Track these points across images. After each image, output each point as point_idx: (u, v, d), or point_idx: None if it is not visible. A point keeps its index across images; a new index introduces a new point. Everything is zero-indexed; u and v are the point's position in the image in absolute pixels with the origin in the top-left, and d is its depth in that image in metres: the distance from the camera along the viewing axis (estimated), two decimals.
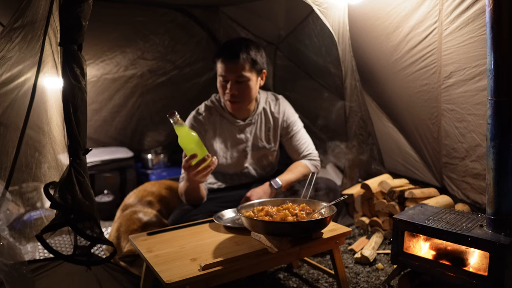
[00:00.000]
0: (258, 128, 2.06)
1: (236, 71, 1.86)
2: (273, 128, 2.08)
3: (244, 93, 1.91)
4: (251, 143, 2.05)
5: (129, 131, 3.41)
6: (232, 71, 1.87)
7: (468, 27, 1.74)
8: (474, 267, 1.43)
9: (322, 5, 2.17)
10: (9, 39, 1.41)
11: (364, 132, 2.64)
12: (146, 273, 1.49)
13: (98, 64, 2.96)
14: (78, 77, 1.21)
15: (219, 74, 1.91)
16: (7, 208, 1.56)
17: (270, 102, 2.11)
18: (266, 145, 2.08)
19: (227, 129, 2.03)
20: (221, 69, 1.89)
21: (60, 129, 1.39)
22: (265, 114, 2.08)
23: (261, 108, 2.07)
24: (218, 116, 2.03)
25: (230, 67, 1.86)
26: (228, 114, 2.03)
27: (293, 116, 2.13)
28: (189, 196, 1.87)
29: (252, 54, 1.90)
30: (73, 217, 1.19)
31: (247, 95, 1.93)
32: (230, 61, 1.86)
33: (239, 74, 1.87)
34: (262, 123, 2.07)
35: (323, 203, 1.51)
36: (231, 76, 1.87)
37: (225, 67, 1.87)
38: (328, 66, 2.83)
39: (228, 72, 1.87)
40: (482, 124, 1.87)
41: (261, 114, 2.08)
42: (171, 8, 3.09)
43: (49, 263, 1.47)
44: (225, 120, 2.03)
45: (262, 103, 2.08)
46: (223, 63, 1.87)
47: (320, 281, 1.82)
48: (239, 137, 2.03)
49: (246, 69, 1.88)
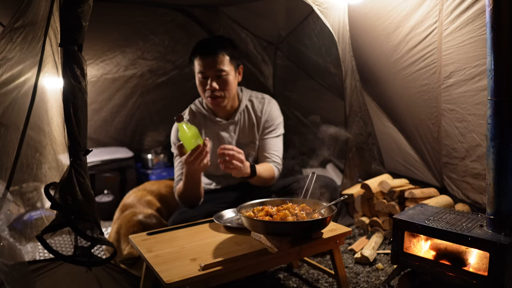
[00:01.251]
0: (241, 127, 2.06)
1: (215, 65, 1.87)
2: (256, 126, 2.07)
3: (224, 88, 1.91)
4: (236, 142, 2.05)
5: (129, 131, 3.42)
6: (211, 66, 1.87)
7: (468, 27, 1.74)
8: (474, 267, 1.43)
9: (322, 5, 2.17)
10: (10, 40, 1.41)
11: (364, 132, 2.64)
12: (146, 273, 1.49)
13: (98, 64, 2.97)
14: (78, 78, 1.21)
15: (198, 72, 1.91)
16: (8, 209, 1.57)
17: (253, 100, 2.09)
18: (251, 143, 2.07)
19: (211, 129, 2.04)
20: (200, 66, 1.89)
21: (61, 129, 1.39)
22: (247, 112, 2.07)
23: (244, 106, 2.07)
24: (202, 117, 2.05)
25: (209, 62, 1.87)
26: (211, 114, 2.04)
27: (277, 119, 2.10)
28: (189, 193, 1.86)
29: (229, 49, 1.92)
30: (73, 217, 1.19)
31: (227, 89, 1.93)
32: (209, 56, 1.86)
33: (218, 68, 1.87)
34: (245, 121, 2.06)
35: (323, 203, 1.51)
36: (211, 71, 1.88)
37: (203, 63, 1.88)
38: (328, 66, 2.84)
39: (207, 68, 1.88)
40: (482, 124, 1.87)
41: (244, 112, 2.07)
42: (171, 8, 3.09)
43: (49, 263, 1.47)
44: (209, 120, 2.04)
45: (245, 101, 2.08)
46: (201, 59, 1.88)
47: (320, 281, 1.82)
48: (223, 135, 2.04)
49: (225, 63, 1.89)
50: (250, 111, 2.07)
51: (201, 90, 1.96)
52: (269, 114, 2.08)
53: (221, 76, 1.89)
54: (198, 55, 1.89)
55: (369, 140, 2.68)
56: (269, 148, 2.05)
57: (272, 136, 2.07)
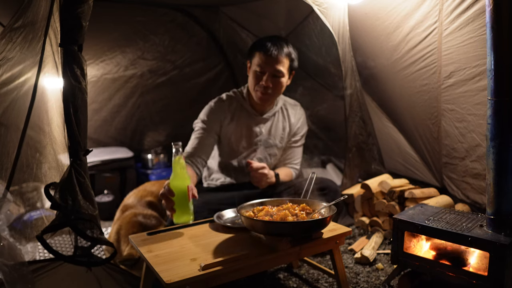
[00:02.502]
0: (274, 126, 2.13)
1: (275, 65, 1.92)
2: (289, 129, 2.16)
3: (276, 87, 1.98)
4: (265, 139, 2.11)
5: (129, 131, 3.42)
6: (271, 64, 1.92)
7: (468, 27, 1.74)
8: (474, 267, 1.43)
9: (322, 5, 2.17)
10: (10, 40, 1.41)
11: (364, 132, 2.64)
12: (146, 273, 1.49)
13: (98, 64, 2.97)
14: (78, 78, 1.21)
15: (258, 65, 1.94)
16: (8, 209, 1.57)
17: (287, 105, 2.19)
18: (278, 143, 2.13)
19: (245, 119, 2.08)
20: (261, 60, 1.93)
21: (61, 129, 1.39)
22: (282, 114, 2.16)
23: (279, 108, 2.15)
24: (239, 105, 2.09)
25: (270, 60, 1.92)
26: (248, 105, 2.09)
27: (305, 128, 2.23)
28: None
29: (291, 53, 1.98)
30: (73, 218, 1.19)
31: (278, 89, 1.99)
32: (274, 54, 1.91)
33: (277, 69, 1.93)
34: (279, 122, 2.14)
35: (323, 203, 1.51)
36: (269, 69, 1.93)
37: (265, 59, 1.92)
38: (328, 66, 2.83)
39: (267, 65, 1.92)
40: (482, 124, 1.87)
41: (279, 112, 2.15)
42: (171, 8, 3.08)
43: (49, 263, 1.47)
44: (245, 110, 2.09)
45: (280, 103, 2.16)
46: (265, 55, 1.92)
47: (320, 281, 1.82)
48: (254, 129, 2.09)
49: (284, 65, 1.95)
50: (284, 114, 2.16)
51: (253, 83, 1.99)
52: (300, 122, 2.19)
53: (277, 76, 1.95)
54: (262, 51, 1.93)
55: (369, 140, 2.68)
56: (292, 157, 2.18)
57: (297, 146, 2.20)
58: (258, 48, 1.96)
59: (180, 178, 1.49)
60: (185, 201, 1.51)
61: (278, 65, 1.93)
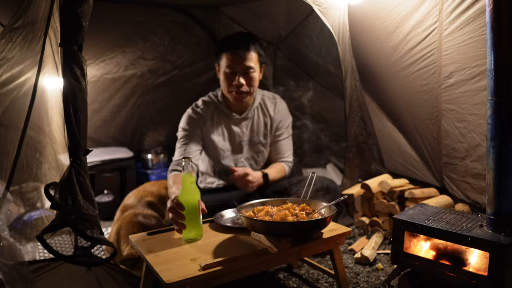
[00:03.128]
0: (255, 123, 2.11)
1: (245, 62, 1.92)
2: (270, 125, 2.13)
3: (250, 84, 1.97)
4: (248, 138, 2.10)
5: (129, 131, 3.41)
6: (240, 62, 1.92)
7: (468, 27, 1.74)
8: (474, 267, 1.43)
9: (322, 5, 2.17)
10: (10, 40, 1.41)
11: (364, 132, 2.64)
12: (146, 273, 1.49)
13: (98, 64, 2.96)
14: (78, 78, 1.21)
15: (227, 66, 1.94)
16: (8, 209, 1.57)
17: (265, 100, 2.16)
18: (262, 140, 2.12)
19: (224, 121, 2.08)
20: (229, 60, 1.93)
21: (61, 129, 1.39)
22: (261, 110, 2.13)
23: (257, 104, 2.12)
24: (216, 109, 2.08)
25: (239, 58, 1.92)
26: (224, 107, 2.07)
27: (288, 119, 2.19)
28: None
29: (258, 47, 1.98)
30: (73, 217, 1.19)
31: (253, 85, 1.99)
32: (239, 52, 1.91)
33: (247, 65, 1.93)
34: (259, 118, 2.12)
35: (323, 203, 1.51)
36: (240, 67, 1.93)
37: (233, 58, 1.92)
38: (328, 66, 2.83)
39: (236, 63, 1.92)
40: (482, 124, 1.87)
41: (258, 109, 2.13)
42: (171, 8, 3.08)
43: (49, 263, 1.47)
44: (222, 113, 2.08)
45: (258, 98, 2.14)
46: (231, 54, 1.92)
47: (320, 281, 1.82)
48: (235, 130, 2.08)
49: (253, 60, 1.95)
50: (264, 109, 2.13)
51: (226, 85, 1.98)
52: (281, 114, 2.15)
53: (248, 73, 1.95)
54: (228, 51, 1.93)
55: (369, 140, 2.68)
56: (282, 151, 2.15)
57: (283, 138, 2.15)
58: (223, 49, 1.96)
59: (190, 192, 1.45)
60: (196, 216, 1.46)
61: (248, 62, 1.92)
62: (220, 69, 2.00)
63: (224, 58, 1.95)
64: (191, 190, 1.45)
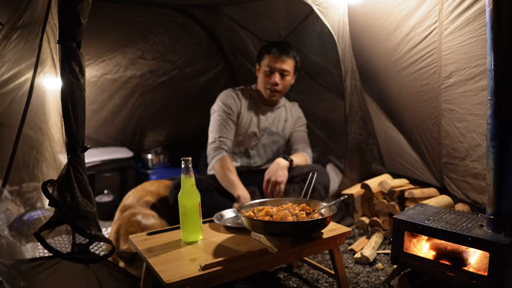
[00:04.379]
0: (277, 117, 2.43)
1: (283, 64, 2.22)
2: (290, 121, 2.45)
3: (283, 85, 2.28)
4: (268, 127, 2.39)
5: (129, 131, 3.41)
6: (280, 63, 2.22)
7: (468, 27, 1.74)
8: (474, 267, 1.43)
9: (322, 5, 2.17)
10: (7, 38, 1.40)
11: (364, 132, 2.63)
12: (146, 273, 1.49)
13: (98, 64, 2.96)
14: (77, 75, 1.20)
15: (267, 65, 2.24)
16: (7, 208, 1.56)
17: (287, 103, 2.50)
18: (280, 132, 2.42)
19: (253, 108, 2.38)
20: (271, 61, 2.23)
21: (58, 127, 1.39)
22: (285, 109, 2.47)
23: (282, 103, 2.47)
24: (249, 96, 2.39)
25: (280, 60, 2.22)
26: (257, 99, 2.39)
27: (304, 120, 2.54)
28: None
29: (296, 55, 2.29)
30: (71, 214, 1.19)
31: (285, 87, 2.30)
32: (282, 55, 2.21)
33: (285, 69, 2.23)
34: (281, 114, 2.45)
35: (323, 203, 1.51)
36: (278, 67, 2.22)
37: (274, 59, 2.22)
38: (328, 66, 2.83)
39: (276, 64, 2.22)
40: (482, 124, 1.87)
41: (282, 107, 2.47)
42: (171, 8, 3.08)
43: (47, 261, 1.47)
44: (253, 101, 2.39)
45: (283, 101, 2.49)
46: (275, 56, 2.22)
47: (320, 281, 1.82)
48: (261, 118, 2.39)
49: (291, 65, 2.26)
50: (287, 109, 2.48)
51: (263, 82, 2.29)
52: (299, 115, 2.52)
53: (284, 75, 2.25)
54: (272, 53, 2.23)
55: (369, 140, 2.68)
56: (299, 141, 2.43)
57: (300, 130, 2.48)
58: (267, 51, 2.25)
59: (191, 195, 1.44)
60: (196, 219, 1.45)
61: (285, 65, 2.22)
62: (260, 68, 2.30)
63: (266, 58, 2.25)
64: (191, 193, 1.44)
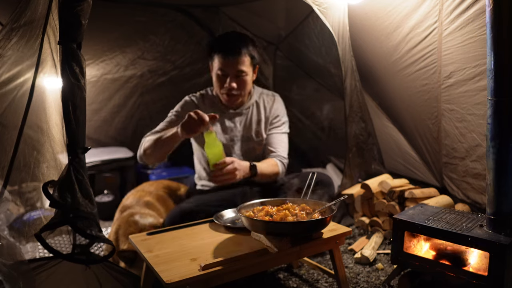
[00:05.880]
0: (248, 120, 2.08)
1: (237, 66, 1.90)
2: (264, 122, 2.09)
3: (242, 87, 1.97)
4: (241, 134, 2.07)
5: (129, 131, 3.41)
6: (232, 65, 1.90)
7: (468, 27, 1.74)
8: (474, 267, 1.43)
9: (322, 5, 2.17)
10: (8, 38, 1.40)
11: (364, 132, 2.63)
12: (146, 273, 1.49)
13: (98, 64, 2.96)
14: (77, 76, 1.20)
15: (218, 68, 1.93)
16: (7, 208, 1.56)
17: (264, 98, 2.14)
18: (255, 137, 2.08)
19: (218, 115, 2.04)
20: (221, 63, 1.92)
21: (59, 128, 1.39)
22: (257, 107, 2.11)
23: (253, 101, 2.11)
24: (211, 102, 2.08)
25: (231, 62, 1.90)
26: (219, 102, 2.07)
27: (283, 117, 2.14)
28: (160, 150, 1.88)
29: (250, 50, 1.95)
30: (72, 215, 1.19)
31: (244, 89, 1.98)
32: (231, 56, 1.89)
33: (239, 69, 1.91)
34: (253, 115, 2.09)
35: (323, 203, 1.51)
36: (231, 70, 1.91)
37: (225, 61, 1.90)
38: (328, 66, 2.84)
39: (228, 67, 1.91)
40: (482, 124, 1.87)
41: (253, 106, 2.10)
42: (171, 8, 3.08)
43: (48, 261, 1.47)
44: (216, 106, 2.07)
45: (255, 97, 2.12)
46: (223, 57, 1.90)
47: (320, 281, 1.82)
48: (228, 125, 2.05)
49: (246, 64, 1.93)
50: (260, 107, 2.11)
51: (218, 86, 1.98)
52: (277, 110, 2.13)
53: (240, 76, 1.94)
54: (220, 53, 1.91)
55: (369, 140, 2.68)
56: (275, 143, 2.07)
57: (278, 132, 2.10)
58: (216, 50, 1.94)
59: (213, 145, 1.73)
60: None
61: (240, 66, 1.91)
62: (212, 70, 2.00)
63: (216, 59, 1.94)
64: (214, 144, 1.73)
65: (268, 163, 1.97)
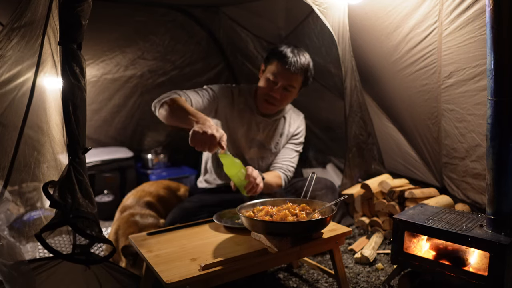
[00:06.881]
0: (273, 130, 2.10)
1: (290, 80, 1.92)
2: (286, 136, 2.13)
3: (284, 100, 1.99)
4: (261, 140, 2.07)
5: (129, 131, 3.41)
6: (287, 78, 1.91)
7: (468, 27, 1.74)
8: (474, 267, 1.43)
9: (322, 5, 2.17)
10: (8, 38, 1.41)
11: (364, 132, 2.64)
12: (146, 273, 1.49)
13: (98, 64, 2.96)
14: (77, 76, 1.20)
15: (272, 73, 1.92)
16: (7, 208, 1.56)
17: (292, 114, 2.19)
18: (273, 148, 2.10)
19: (247, 115, 2.05)
20: (276, 70, 1.91)
21: (59, 128, 1.39)
22: (284, 121, 2.14)
23: (283, 114, 2.13)
24: (244, 99, 2.06)
25: (287, 74, 1.90)
26: (253, 104, 2.06)
27: (301, 137, 2.20)
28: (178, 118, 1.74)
29: (309, 73, 1.99)
30: (72, 216, 1.19)
31: (285, 102, 2.02)
32: (290, 70, 1.89)
33: (291, 84, 1.93)
34: (278, 127, 2.12)
35: (323, 203, 1.51)
36: (283, 81, 1.92)
37: (282, 71, 1.90)
38: (328, 66, 2.83)
39: (282, 77, 1.91)
40: (482, 124, 1.87)
41: (281, 120, 2.13)
42: (171, 8, 3.08)
43: (48, 262, 1.47)
44: (249, 107, 2.06)
45: (286, 110, 2.15)
46: (282, 66, 1.89)
47: (320, 281, 1.82)
48: (253, 127, 2.06)
49: (298, 80, 1.95)
50: (286, 122, 2.14)
51: (263, 90, 1.97)
52: (298, 129, 2.18)
53: (287, 89, 1.95)
54: (281, 61, 1.90)
55: (369, 140, 2.68)
56: (285, 157, 2.11)
57: (292, 148, 2.14)
58: (277, 57, 1.92)
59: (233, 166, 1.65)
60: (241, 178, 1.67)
61: (292, 81, 1.92)
62: (265, 72, 1.98)
63: (273, 65, 1.93)
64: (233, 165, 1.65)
65: (273, 175, 2.00)
